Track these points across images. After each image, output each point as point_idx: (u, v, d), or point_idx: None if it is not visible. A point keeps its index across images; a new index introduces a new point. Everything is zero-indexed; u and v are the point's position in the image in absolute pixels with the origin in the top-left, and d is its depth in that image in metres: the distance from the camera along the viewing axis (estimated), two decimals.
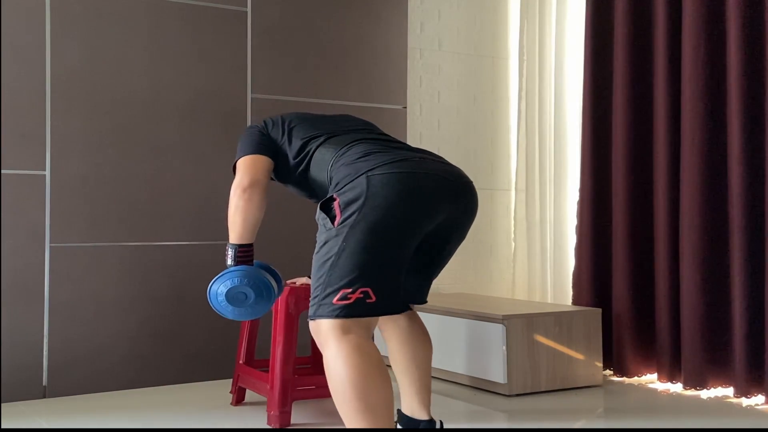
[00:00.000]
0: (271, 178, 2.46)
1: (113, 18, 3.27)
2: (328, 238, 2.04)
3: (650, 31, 3.45)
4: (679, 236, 3.24)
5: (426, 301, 2.36)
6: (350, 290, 1.98)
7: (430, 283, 2.35)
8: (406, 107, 3.94)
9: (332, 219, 2.05)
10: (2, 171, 3.06)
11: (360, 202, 2.03)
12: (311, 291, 2.06)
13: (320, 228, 2.10)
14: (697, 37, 3.17)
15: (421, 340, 2.40)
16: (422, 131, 4.00)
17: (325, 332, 2.00)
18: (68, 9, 3.18)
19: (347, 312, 1.97)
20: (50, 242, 3.15)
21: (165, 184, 3.37)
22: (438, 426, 2.40)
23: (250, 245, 2.34)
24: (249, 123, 3.54)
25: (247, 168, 2.34)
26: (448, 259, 2.34)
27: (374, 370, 1.95)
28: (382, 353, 2.55)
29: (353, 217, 2.02)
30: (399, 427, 2.44)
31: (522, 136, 4.14)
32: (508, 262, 4.22)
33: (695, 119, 3.16)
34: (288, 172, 2.41)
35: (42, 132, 3.14)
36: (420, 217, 2.09)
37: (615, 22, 3.54)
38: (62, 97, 3.17)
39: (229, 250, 2.31)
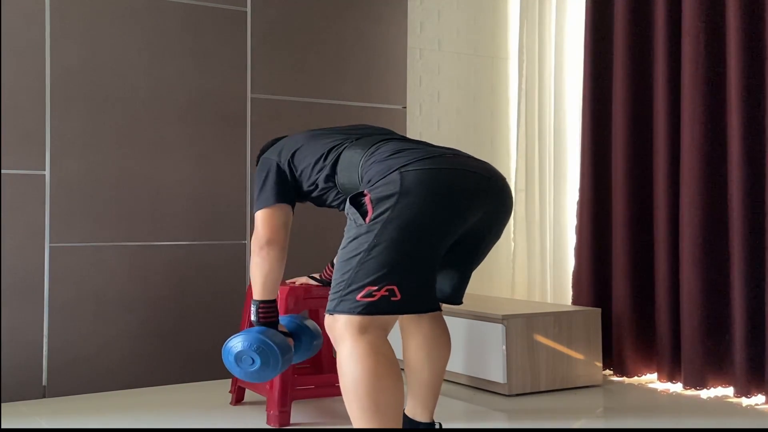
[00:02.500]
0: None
1: (113, 18, 3.27)
2: (358, 234, 2.00)
3: (650, 31, 3.45)
4: (679, 236, 3.24)
5: (462, 302, 2.30)
6: (376, 287, 1.94)
7: (467, 284, 2.30)
8: (405, 107, 3.95)
9: (363, 215, 2.01)
10: (2, 171, 3.07)
11: (394, 199, 1.99)
12: (332, 285, 2.03)
13: (349, 223, 2.06)
14: (697, 37, 3.17)
15: (440, 345, 2.34)
16: (422, 131, 4.00)
17: (342, 329, 1.97)
18: (68, 9, 3.18)
19: (370, 309, 1.94)
20: (50, 242, 3.15)
21: (165, 184, 3.37)
22: (437, 427, 2.39)
23: (273, 301, 2.40)
24: (249, 123, 3.54)
25: (264, 224, 2.37)
26: (483, 258, 2.30)
27: (387, 372, 1.94)
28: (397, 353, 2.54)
29: (386, 213, 1.97)
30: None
31: (522, 136, 4.14)
32: (508, 262, 4.22)
33: (695, 119, 3.17)
34: (315, 186, 2.35)
35: (42, 132, 3.14)
36: (455, 216, 2.05)
37: (615, 22, 3.54)
38: (62, 97, 3.18)
39: (252, 306, 2.40)
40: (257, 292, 2.39)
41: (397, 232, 1.96)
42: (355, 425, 1.97)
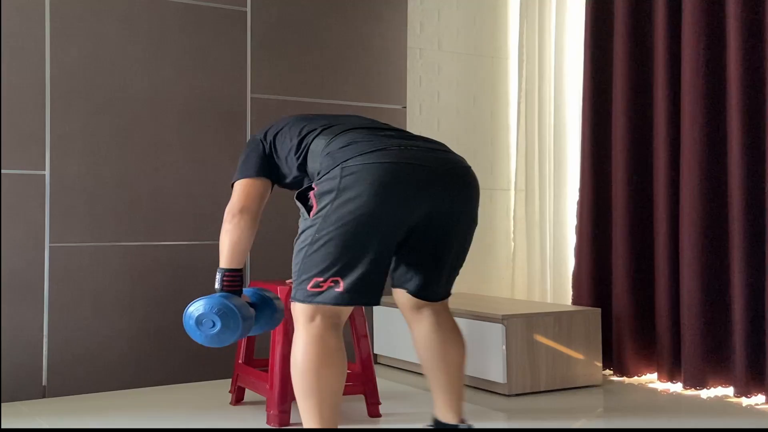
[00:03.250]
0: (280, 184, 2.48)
1: (113, 18, 3.27)
2: (305, 228, 2.12)
3: (650, 31, 3.45)
4: (679, 236, 3.24)
5: (440, 299, 2.29)
6: (321, 279, 2.07)
7: (443, 278, 2.27)
8: (405, 107, 3.95)
9: (308, 209, 2.12)
10: (2, 171, 3.07)
11: (333, 193, 2.06)
12: (292, 274, 2.16)
13: (300, 216, 2.18)
14: (697, 36, 3.17)
15: (450, 343, 2.31)
16: (422, 131, 4.00)
17: (297, 315, 2.12)
18: (68, 9, 3.19)
19: (318, 299, 2.08)
20: (50, 242, 3.15)
21: (165, 184, 3.37)
22: (467, 427, 2.33)
23: (239, 270, 2.39)
24: (249, 123, 3.54)
25: (240, 193, 2.39)
26: (460, 251, 2.27)
27: (327, 360, 2.08)
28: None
29: (326, 209, 2.07)
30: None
31: (522, 136, 4.14)
32: (508, 262, 4.22)
33: (695, 119, 3.17)
34: (289, 171, 2.40)
35: (42, 132, 3.14)
36: (394, 210, 2.07)
37: (615, 22, 3.54)
38: (62, 97, 3.18)
39: (218, 273, 2.38)
40: (224, 260, 2.37)
41: (335, 227, 2.05)
42: (298, 403, 2.11)
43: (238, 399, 3.03)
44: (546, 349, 3.23)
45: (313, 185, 2.13)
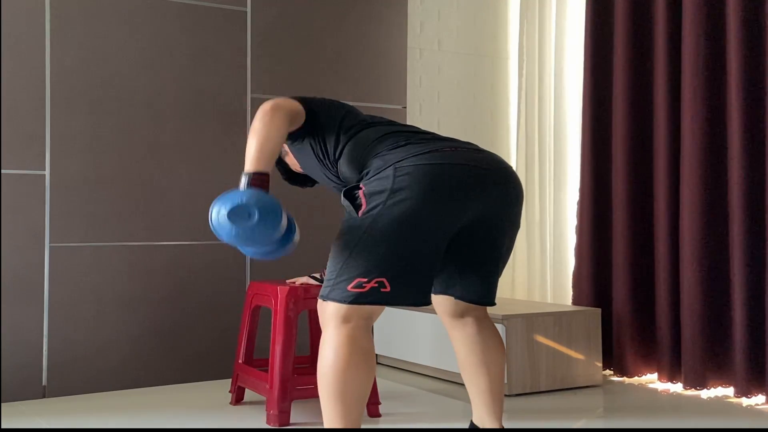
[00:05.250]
0: (293, 181, 2.42)
1: (113, 18, 3.27)
2: (351, 226, 2.04)
3: (650, 31, 3.45)
4: (679, 236, 3.24)
5: (493, 303, 2.26)
6: (366, 279, 1.99)
7: (493, 282, 2.25)
8: (405, 107, 3.95)
9: (357, 208, 2.04)
10: (2, 171, 3.07)
11: (386, 194, 2.00)
12: (327, 272, 2.07)
13: (346, 214, 2.09)
14: (697, 37, 3.17)
15: (491, 348, 2.28)
16: None
17: (328, 315, 2.03)
18: (68, 9, 3.19)
19: (359, 300, 1.99)
20: (50, 242, 3.15)
21: (165, 184, 3.37)
22: None
23: (266, 174, 2.06)
24: (249, 123, 3.54)
25: (279, 99, 2.17)
26: (507, 253, 2.25)
27: (359, 363, 2.00)
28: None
29: (377, 208, 2.00)
30: None
31: (522, 136, 4.14)
32: (508, 262, 4.21)
33: (695, 119, 3.17)
34: (318, 161, 2.29)
35: (42, 132, 3.15)
36: (447, 213, 2.05)
37: (615, 22, 3.55)
38: (62, 96, 3.18)
39: (243, 178, 2.05)
40: (250, 162, 2.05)
41: (387, 227, 1.99)
42: (322, 406, 2.04)
43: (238, 399, 3.03)
44: (546, 349, 3.23)
45: (361, 184, 2.07)
